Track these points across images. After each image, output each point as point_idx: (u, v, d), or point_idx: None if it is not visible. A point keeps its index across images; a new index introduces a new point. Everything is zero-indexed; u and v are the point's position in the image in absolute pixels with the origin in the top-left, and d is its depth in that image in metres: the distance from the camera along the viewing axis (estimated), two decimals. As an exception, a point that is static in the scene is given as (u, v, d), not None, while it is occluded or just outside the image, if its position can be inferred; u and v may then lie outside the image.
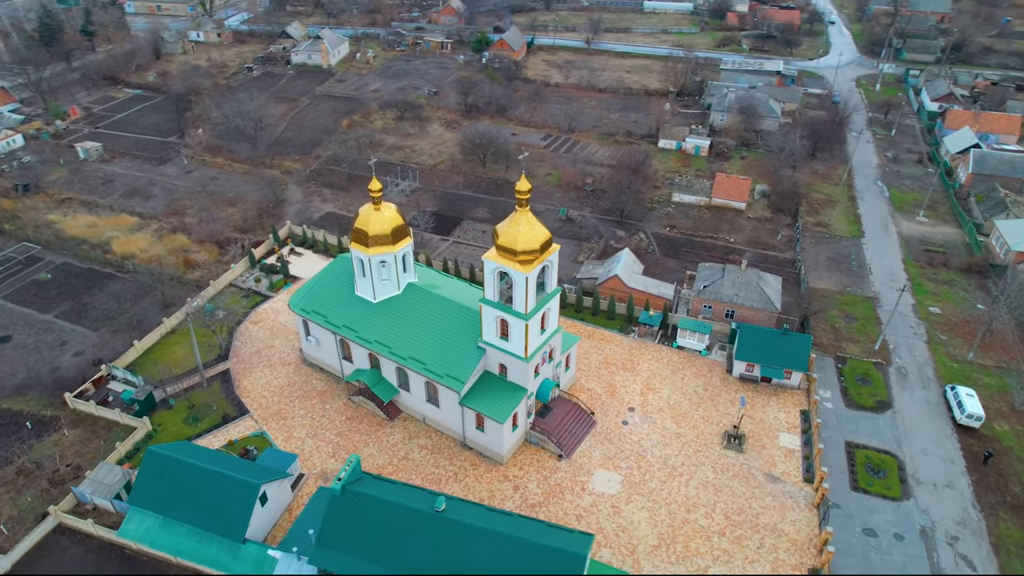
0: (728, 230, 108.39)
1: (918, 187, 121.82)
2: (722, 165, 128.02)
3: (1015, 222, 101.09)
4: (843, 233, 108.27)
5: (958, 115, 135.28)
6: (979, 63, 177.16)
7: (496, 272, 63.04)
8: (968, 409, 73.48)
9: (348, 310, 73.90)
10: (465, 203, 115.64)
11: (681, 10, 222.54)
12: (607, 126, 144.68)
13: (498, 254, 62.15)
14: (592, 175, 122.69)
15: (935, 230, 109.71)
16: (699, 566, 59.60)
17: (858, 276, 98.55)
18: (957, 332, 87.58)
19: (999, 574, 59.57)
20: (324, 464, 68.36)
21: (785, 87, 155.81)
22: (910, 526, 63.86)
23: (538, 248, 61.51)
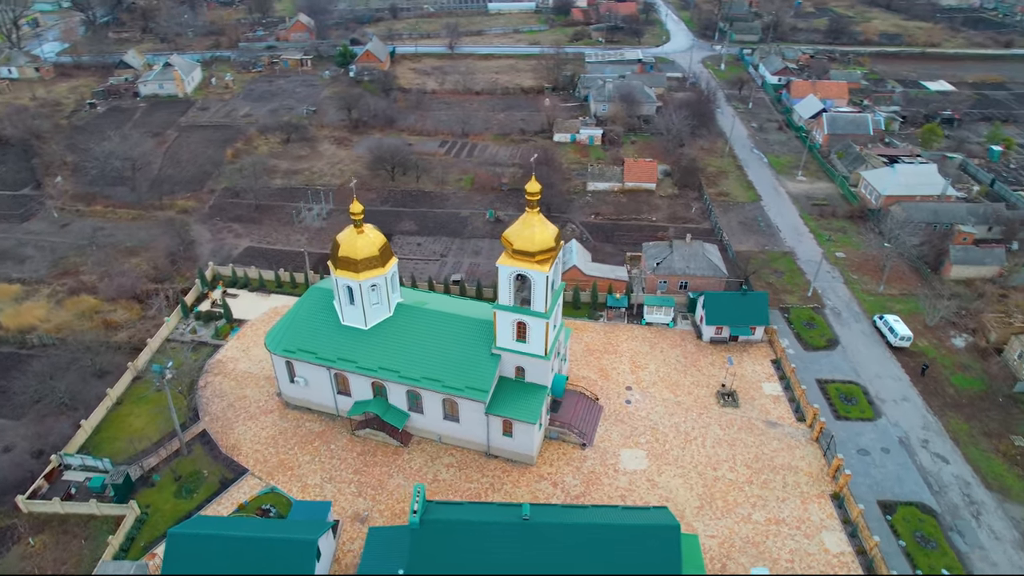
0: (647, 210, 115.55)
1: (787, 151, 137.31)
2: (617, 151, 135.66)
3: (878, 171, 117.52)
4: (743, 199, 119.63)
5: (800, 85, 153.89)
6: (791, 40, 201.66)
7: (511, 277, 63.30)
8: (899, 332, 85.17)
9: (339, 342, 70.23)
10: (388, 218, 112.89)
11: (525, 9, 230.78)
12: (498, 126, 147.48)
13: (514, 258, 62.40)
14: (505, 174, 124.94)
15: (814, 187, 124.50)
16: (742, 516, 64.25)
17: (769, 235, 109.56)
18: (863, 270, 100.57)
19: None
20: (353, 505, 64.75)
21: (647, 73, 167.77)
22: (891, 440, 73.12)
23: (553, 246, 62.70)
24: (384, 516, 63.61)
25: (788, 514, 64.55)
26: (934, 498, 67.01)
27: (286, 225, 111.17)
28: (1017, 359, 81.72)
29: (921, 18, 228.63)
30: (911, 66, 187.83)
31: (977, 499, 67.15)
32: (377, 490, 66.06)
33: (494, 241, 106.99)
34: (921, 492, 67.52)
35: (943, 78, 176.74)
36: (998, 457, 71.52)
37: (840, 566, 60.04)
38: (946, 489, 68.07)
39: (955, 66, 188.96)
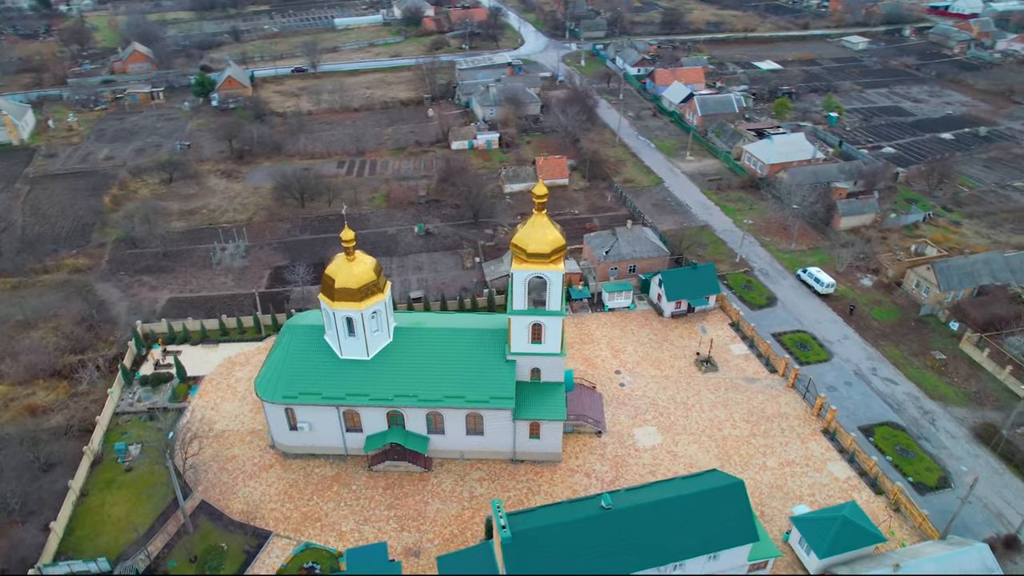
0: (567, 205, 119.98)
1: (667, 135, 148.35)
2: (516, 152, 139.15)
3: (758, 144, 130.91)
4: (647, 183, 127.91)
5: (663, 74, 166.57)
6: (634, 33, 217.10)
7: (525, 281, 63.87)
8: (824, 281, 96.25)
9: (343, 377, 66.80)
10: (314, 246, 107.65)
11: (373, 23, 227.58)
12: (391, 141, 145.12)
13: (529, 262, 62.98)
14: (421, 187, 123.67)
15: (703, 165, 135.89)
16: (759, 465, 69.95)
17: (682, 213, 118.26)
18: (771, 233, 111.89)
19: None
20: (399, 541, 62.08)
21: (519, 75, 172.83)
22: (847, 374, 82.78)
23: (564, 244, 64.11)
24: (437, 544, 61.80)
25: (794, 455, 71.30)
26: (897, 415, 77.16)
27: (204, 269, 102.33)
28: (915, 288, 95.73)
29: (732, 7, 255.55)
30: (737, 50, 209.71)
31: (928, 409, 78.23)
32: (419, 520, 63.94)
33: (432, 255, 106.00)
34: (887, 413, 77.45)
35: (768, 58, 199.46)
36: (929, 371, 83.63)
37: (852, 489, 67.55)
38: (903, 406, 78.58)
39: (772, 47, 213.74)
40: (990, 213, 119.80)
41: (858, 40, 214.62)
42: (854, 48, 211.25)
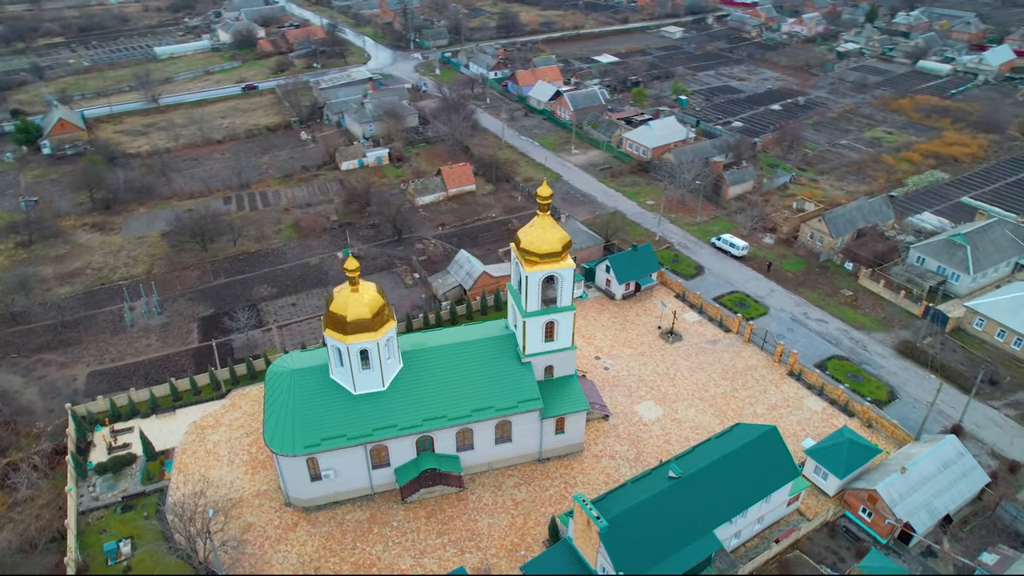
0: (482, 209, 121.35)
1: (545, 132, 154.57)
2: (410, 165, 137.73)
3: (636, 131, 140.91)
4: (550, 180, 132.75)
5: (524, 75, 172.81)
6: (476, 39, 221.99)
7: (539, 282, 64.86)
8: (739, 245, 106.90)
9: (364, 412, 63.69)
10: (237, 289, 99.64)
11: (200, 49, 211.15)
12: (274, 169, 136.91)
13: (542, 262, 63.96)
14: (332, 212, 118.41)
15: (588, 156, 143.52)
16: (751, 414, 76.89)
17: (589, 202, 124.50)
18: (674, 210, 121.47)
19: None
20: (467, 563, 60.58)
21: (379, 90, 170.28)
22: (787, 322, 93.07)
23: (569, 241, 65.87)
24: (502, 558, 61.31)
25: (775, 399, 79.34)
26: (838, 348, 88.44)
27: (118, 334, 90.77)
28: (810, 239, 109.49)
29: (552, 7, 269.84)
30: (573, 47, 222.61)
31: (857, 338, 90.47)
32: (475, 539, 62.89)
33: (367, 279, 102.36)
34: (830, 348, 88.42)
35: (605, 52, 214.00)
36: (845, 307, 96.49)
37: (830, 417, 76.72)
38: (839, 340, 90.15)
39: (603, 42, 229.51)
40: (834, 168, 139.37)
41: (675, 30, 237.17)
42: (672, 37, 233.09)
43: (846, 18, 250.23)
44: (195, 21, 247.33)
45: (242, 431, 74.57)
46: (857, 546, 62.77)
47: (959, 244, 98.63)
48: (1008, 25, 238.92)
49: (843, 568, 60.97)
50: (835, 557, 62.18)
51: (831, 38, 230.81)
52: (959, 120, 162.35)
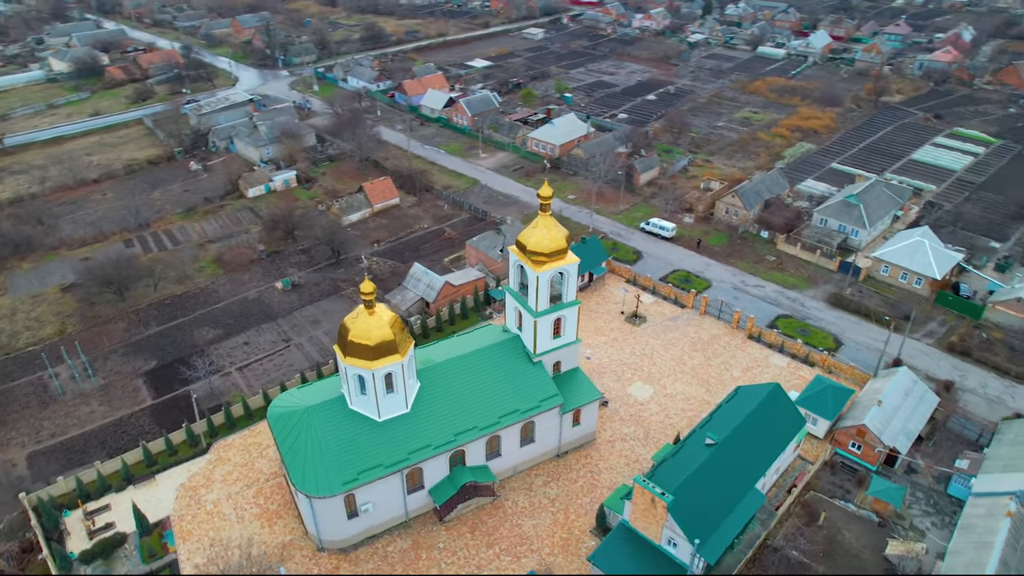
0: (412, 221, 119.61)
1: (448, 139, 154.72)
2: (319, 184, 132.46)
3: (541, 130, 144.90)
4: (466, 185, 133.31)
5: (411, 84, 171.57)
6: (344, 52, 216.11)
7: (549, 281, 65.82)
8: (668, 227, 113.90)
9: (394, 437, 61.60)
10: (176, 336, 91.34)
11: (33, 80, 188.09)
12: (169, 205, 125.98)
13: (550, 261, 64.82)
14: (252, 242, 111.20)
15: (497, 158, 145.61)
16: (731, 378, 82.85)
17: (513, 202, 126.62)
18: (595, 201, 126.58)
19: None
20: (526, 567, 60.49)
21: (260, 111, 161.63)
22: (731, 291, 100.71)
23: (570, 236, 67.37)
24: (558, 555, 61.93)
25: (746, 362, 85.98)
26: (781, 308, 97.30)
27: (48, 406, 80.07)
28: (726, 214, 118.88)
29: (410, 17, 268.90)
30: (443, 54, 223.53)
31: (793, 297, 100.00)
32: (526, 543, 62.98)
33: (318, 305, 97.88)
34: (774, 309, 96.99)
35: (476, 57, 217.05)
36: (774, 271, 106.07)
37: (796, 369, 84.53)
38: (779, 301, 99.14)
39: (469, 47, 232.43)
40: (720, 148, 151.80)
41: (536, 31, 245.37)
42: (535, 38, 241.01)
43: (685, 12, 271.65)
44: (13, 50, 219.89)
45: (241, 483, 69.11)
46: (856, 476, 70.20)
47: (854, 204, 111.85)
48: (817, 13, 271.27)
49: (851, 497, 67.94)
50: (841, 490, 69.08)
51: (677, 30, 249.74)
52: (806, 97, 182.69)
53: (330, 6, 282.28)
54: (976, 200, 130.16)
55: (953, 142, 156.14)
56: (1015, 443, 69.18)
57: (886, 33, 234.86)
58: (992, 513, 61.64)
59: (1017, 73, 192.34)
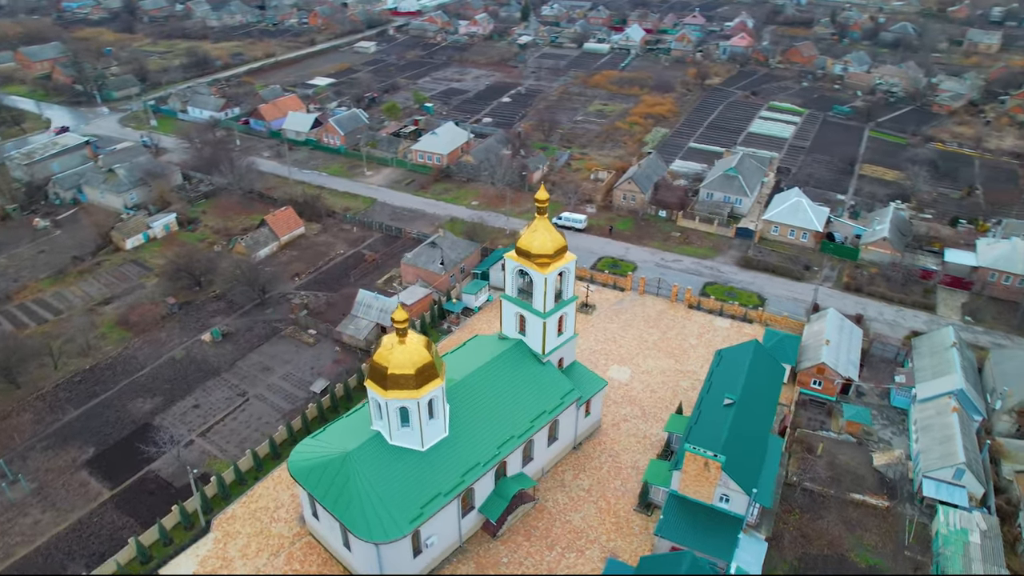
0: (327, 249, 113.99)
1: (324, 161, 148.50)
2: (203, 224, 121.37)
3: (424, 140, 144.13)
4: (365, 205, 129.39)
5: (268, 109, 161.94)
6: (168, 82, 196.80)
7: (554, 282, 67.33)
8: (579, 219, 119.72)
9: (442, 464, 60.12)
10: (105, 414, 79.84)
11: None
12: (28, 272, 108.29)
13: (552, 261, 66.47)
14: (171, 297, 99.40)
15: (384, 175, 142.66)
16: (691, 345, 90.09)
17: (422, 215, 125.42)
18: (497, 204, 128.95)
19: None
20: (595, 558, 61.90)
21: (98, 154, 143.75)
22: (656, 269, 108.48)
23: (563, 235, 69.50)
24: (616, 539, 64.21)
25: (697, 329, 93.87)
26: (703, 277, 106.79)
27: (-20, 525, 66.72)
28: (624, 200, 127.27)
29: (226, 39, 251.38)
30: (278, 74, 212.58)
31: (709, 265, 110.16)
32: (583, 535, 64.69)
33: (260, 352, 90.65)
34: (699, 279, 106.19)
35: (316, 75, 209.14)
36: (684, 246, 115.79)
37: (739, 327, 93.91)
38: (699, 270, 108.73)
39: (303, 66, 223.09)
40: (590, 141, 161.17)
41: (368, 44, 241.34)
42: (369, 51, 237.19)
43: (504, 15, 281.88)
44: None
45: (265, 554, 63.16)
46: (825, 408, 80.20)
47: (733, 176, 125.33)
48: (624, 10, 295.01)
49: (827, 426, 77.62)
50: (815, 422, 78.61)
51: (503, 34, 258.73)
52: (643, 86, 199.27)
53: (127, 33, 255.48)
54: (811, 161, 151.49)
55: (774, 115, 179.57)
56: (931, 354, 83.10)
57: (687, 24, 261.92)
58: (940, 412, 73.91)
59: (800, 52, 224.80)
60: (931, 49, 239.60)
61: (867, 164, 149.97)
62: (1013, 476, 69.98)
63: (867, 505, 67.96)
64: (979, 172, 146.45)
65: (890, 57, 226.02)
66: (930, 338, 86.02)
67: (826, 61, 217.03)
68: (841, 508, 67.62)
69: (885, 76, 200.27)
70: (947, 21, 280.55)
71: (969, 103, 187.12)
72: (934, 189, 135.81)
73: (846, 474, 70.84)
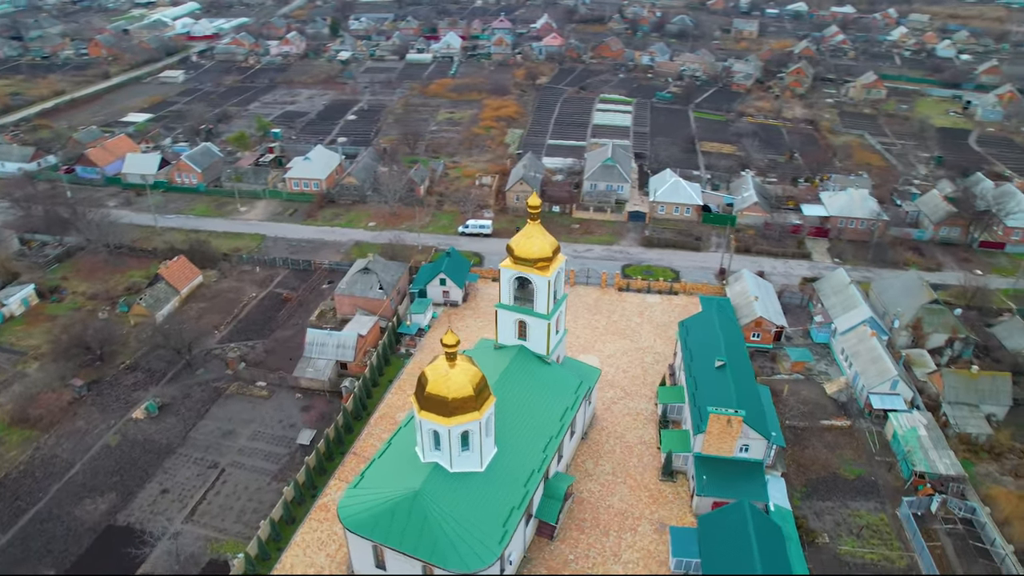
0: (235, 294, 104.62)
1: (186, 203, 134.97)
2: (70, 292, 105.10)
3: (297, 167, 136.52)
4: (256, 242, 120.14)
5: (98, 153, 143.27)
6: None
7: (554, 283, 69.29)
8: (486, 225, 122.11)
9: (504, 479, 60.26)
10: (53, 528, 67.62)
11: None
12: None
13: (550, 263, 68.50)
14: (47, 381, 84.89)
15: (260, 208, 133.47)
16: (637, 323, 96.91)
17: (323, 245, 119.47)
18: (395, 221, 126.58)
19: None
20: (645, 530, 65.33)
21: None
22: (575, 262, 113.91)
23: (551, 237, 71.71)
24: (657, 508, 68.40)
25: (633, 308, 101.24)
26: (619, 260, 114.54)
27: None
28: (518, 201, 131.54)
29: None
30: (76, 114, 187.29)
31: (617, 249, 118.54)
32: (631, 514, 67.95)
33: (211, 416, 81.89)
34: (615, 264, 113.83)
35: (128, 111, 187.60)
36: (588, 235, 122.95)
37: (667, 300, 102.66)
38: (613, 255, 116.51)
39: (103, 103, 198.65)
40: (456, 149, 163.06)
41: (175, 73, 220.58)
42: (178, 81, 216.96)
43: (311, 32, 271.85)
44: None
45: (327, 621, 58.51)
46: (768, 355, 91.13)
47: (611, 165, 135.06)
48: (430, 19, 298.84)
49: (777, 370, 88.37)
50: (766, 369, 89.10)
51: (318, 51, 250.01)
52: (481, 91, 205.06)
53: None
54: (658, 144, 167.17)
55: (609, 106, 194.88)
56: (835, 293, 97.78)
57: (496, 29, 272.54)
58: (861, 339, 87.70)
59: (610, 47, 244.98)
60: (709, 37, 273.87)
61: (704, 141, 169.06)
62: (926, 377, 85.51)
63: (835, 428, 79.25)
64: (789, 139, 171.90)
65: (679, 46, 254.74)
66: (828, 281, 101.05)
67: (634, 54, 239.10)
68: (818, 436, 78.14)
69: (687, 63, 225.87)
70: (710, 12, 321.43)
71: (756, 81, 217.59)
72: (764, 156, 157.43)
73: (813, 406, 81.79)
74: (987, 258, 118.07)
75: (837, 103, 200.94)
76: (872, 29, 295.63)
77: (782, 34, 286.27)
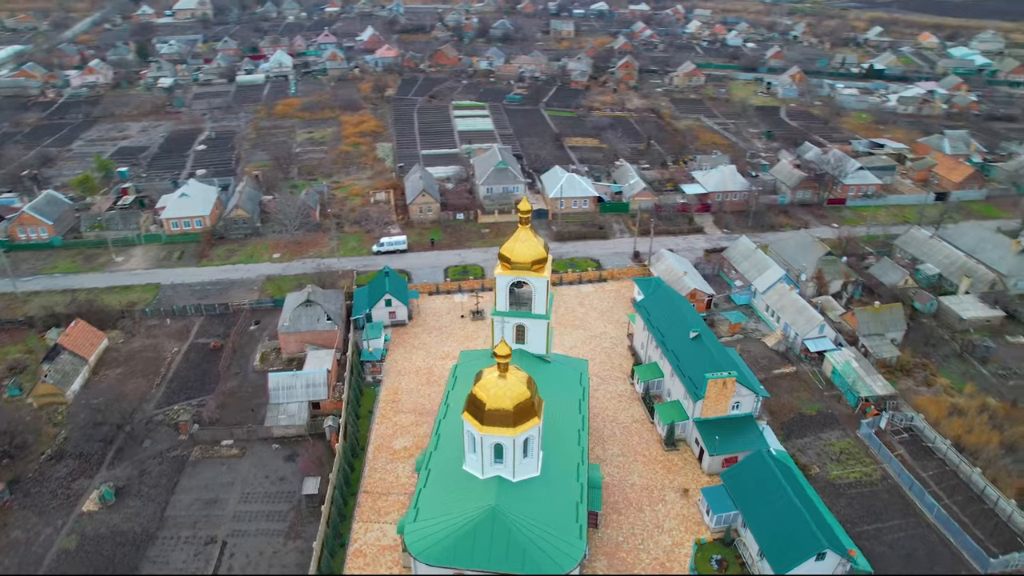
0: (153, 352, 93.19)
1: (44, 262, 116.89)
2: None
3: (172, 206, 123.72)
4: (151, 294, 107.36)
5: None
6: None
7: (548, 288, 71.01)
8: (401, 240, 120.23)
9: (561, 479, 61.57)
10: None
11: None
12: None
13: (543, 265, 70.28)
14: None
15: (140, 256, 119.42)
16: (584, 312, 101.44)
17: (226, 286, 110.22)
18: (299, 251, 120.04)
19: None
20: (675, 493, 69.70)
21: None
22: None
23: (538, 241, 73.29)
24: (674, 476, 73.31)
25: (574, 300, 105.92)
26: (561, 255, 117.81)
27: None
28: (421, 213, 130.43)
29: None
30: None
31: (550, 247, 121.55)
32: (656, 490, 71.81)
33: (183, 490, 73.31)
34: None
35: None
36: (501, 237, 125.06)
37: (601, 287, 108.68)
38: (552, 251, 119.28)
39: None
40: (331, 170, 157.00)
41: None
42: None
43: (114, 59, 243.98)
44: None
45: (413, 663, 55.86)
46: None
47: (504, 167, 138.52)
48: (248, 38, 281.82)
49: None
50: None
51: (131, 79, 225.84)
52: (331, 107, 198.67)
53: None
54: (527, 144, 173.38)
55: (465, 112, 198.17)
56: (745, 259, 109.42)
57: (323, 44, 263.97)
58: (782, 295, 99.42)
59: (445, 55, 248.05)
60: (532, 39, 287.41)
61: (567, 137, 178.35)
62: (838, 318, 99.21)
63: (785, 375, 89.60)
64: (641, 128, 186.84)
65: (510, 49, 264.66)
66: (736, 248, 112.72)
67: (471, 60, 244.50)
68: (775, 384, 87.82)
69: (524, 65, 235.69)
70: (525, 16, 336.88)
71: (591, 77, 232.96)
72: (627, 146, 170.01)
73: (765, 359, 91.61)
74: (835, 212, 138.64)
75: (667, 92, 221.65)
76: (670, 24, 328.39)
77: (595, 32, 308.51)
